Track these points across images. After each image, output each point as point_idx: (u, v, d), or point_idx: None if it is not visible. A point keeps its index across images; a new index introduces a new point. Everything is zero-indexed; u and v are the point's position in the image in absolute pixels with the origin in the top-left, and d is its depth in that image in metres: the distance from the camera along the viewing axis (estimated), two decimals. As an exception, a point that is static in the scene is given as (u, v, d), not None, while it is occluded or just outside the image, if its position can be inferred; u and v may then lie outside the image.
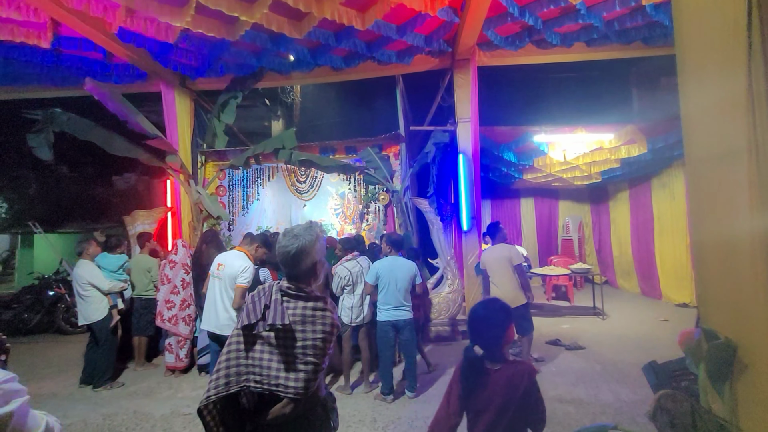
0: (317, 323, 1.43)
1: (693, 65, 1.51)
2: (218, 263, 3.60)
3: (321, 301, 1.48)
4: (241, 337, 1.45)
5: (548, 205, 10.51)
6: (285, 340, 1.42)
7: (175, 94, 6.48)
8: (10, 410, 1.07)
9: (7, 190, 10.81)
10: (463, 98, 6.09)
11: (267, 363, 1.41)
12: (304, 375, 1.38)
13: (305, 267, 1.49)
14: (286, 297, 1.46)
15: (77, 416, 3.80)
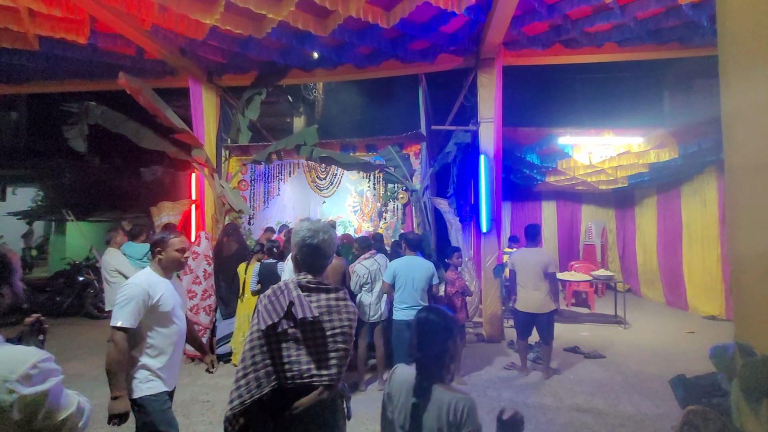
0: (342, 312, 1.51)
1: (737, 66, 1.43)
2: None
3: (342, 292, 1.57)
4: (263, 338, 1.46)
5: (571, 208, 10.26)
6: (313, 332, 1.46)
7: (202, 90, 6.64)
8: (46, 388, 1.10)
9: (44, 179, 11.33)
10: (487, 98, 6.01)
11: (296, 358, 1.44)
12: (336, 361, 1.46)
13: (327, 260, 1.57)
14: (306, 291, 1.50)
15: (103, 397, 3.93)
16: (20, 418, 1.05)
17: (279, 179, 7.44)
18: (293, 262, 1.61)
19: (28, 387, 1.05)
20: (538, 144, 6.48)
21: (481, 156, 6.00)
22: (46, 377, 1.11)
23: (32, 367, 1.07)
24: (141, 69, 6.34)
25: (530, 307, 4.27)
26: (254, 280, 4.64)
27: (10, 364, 1.05)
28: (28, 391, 1.05)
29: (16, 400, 1.03)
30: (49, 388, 1.10)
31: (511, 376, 4.52)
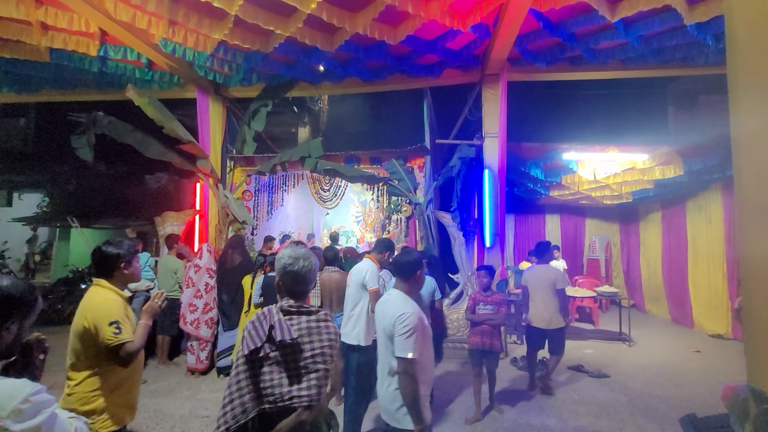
0: (322, 333, 1.53)
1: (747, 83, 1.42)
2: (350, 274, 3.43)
3: (323, 313, 1.59)
4: (247, 364, 1.49)
5: (575, 222, 10.22)
6: (293, 354, 1.49)
7: (209, 101, 6.71)
8: (39, 422, 1.07)
9: (50, 185, 11.42)
10: (491, 113, 6.03)
11: (278, 381, 1.47)
12: (315, 381, 1.47)
13: (308, 286, 1.62)
14: (288, 315, 1.55)
15: (102, 411, 3.92)
16: None
17: (283, 190, 7.47)
18: (276, 288, 1.63)
19: (19, 423, 1.03)
20: (542, 159, 6.49)
21: (486, 170, 6.00)
22: (38, 410, 1.08)
23: (23, 402, 1.04)
24: (149, 80, 6.41)
25: (542, 323, 4.34)
26: (257, 293, 4.62)
27: (1, 401, 1.02)
28: (20, 427, 1.02)
29: None
30: (42, 421, 1.07)
31: (513, 396, 4.46)
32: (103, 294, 1.96)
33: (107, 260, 2.00)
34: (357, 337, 3.17)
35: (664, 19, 4.59)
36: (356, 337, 3.17)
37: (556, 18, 4.80)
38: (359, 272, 3.26)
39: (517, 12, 4.31)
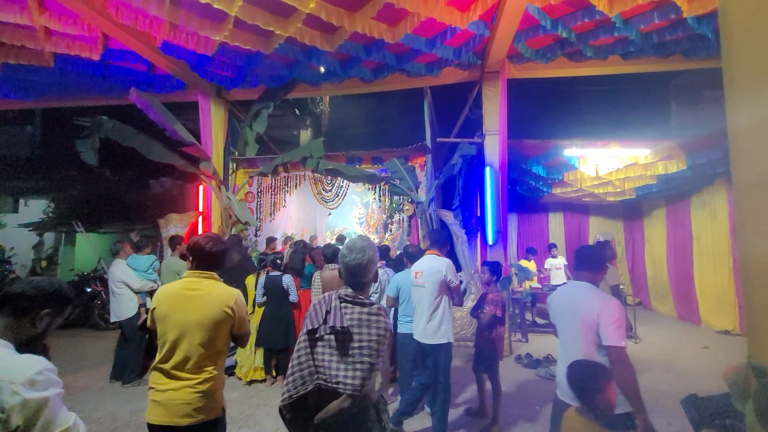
0: (372, 326, 1.59)
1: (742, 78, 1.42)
2: (415, 272, 3.29)
3: (376, 307, 1.65)
4: (307, 341, 1.63)
5: (578, 220, 10.17)
6: (343, 342, 1.58)
7: (211, 104, 6.76)
8: (48, 396, 1.12)
9: (55, 190, 11.53)
10: (492, 111, 6.03)
11: (329, 362, 1.58)
12: (360, 373, 1.53)
13: (369, 276, 1.70)
14: (345, 303, 1.64)
15: (106, 410, 3.94)
16: (20, 425, 1.06)
17: (285, 191, 7.51)
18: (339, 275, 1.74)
19: (32, 391, 1.09)
20: (543, 156, 6.47)
21: (487, 168, 6.00)
22: (49, 385, 1.14)
23: (38, 373, 1.12)
24: (151, 84, 6.48)
25: None
26: (260, 292, 4.64)
27: (19, 369, 1.11)
28: (32, 395, 1.08)
29: (19, 403, 1.06)
30: (50, 396, 1.13)
31: (518, 390, 4.43)
32: (227, 288, 2.05)
33: (218, 257, 2.06)
34: (445, 335, 3.08)
35: (663, 12, 4.58)
36: (444, 335, 3.08)
37: (554, 14, 4.81)
38: (436, 270, 3.10)
39: (515, 8, 4.32)
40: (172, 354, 1.90)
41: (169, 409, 1.87)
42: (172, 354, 1.90)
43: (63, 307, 1.35)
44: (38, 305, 1.27)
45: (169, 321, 1.92)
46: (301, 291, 4.81)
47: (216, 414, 1.96)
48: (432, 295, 3.11)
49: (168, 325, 1.92)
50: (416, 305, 3.24)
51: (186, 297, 1.95)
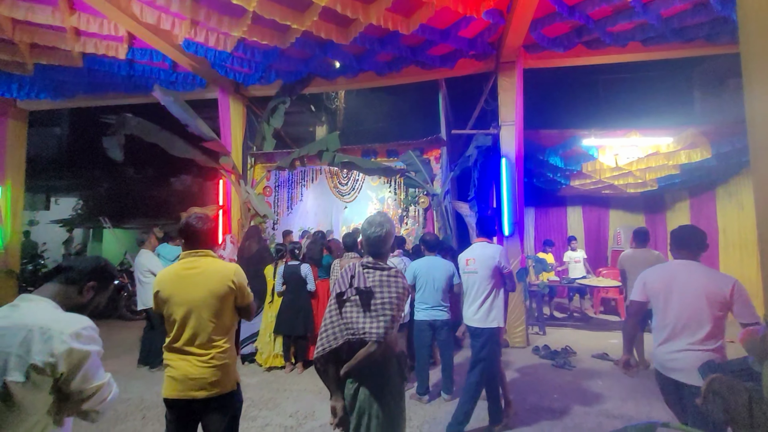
0: (392, 286, 1.85)
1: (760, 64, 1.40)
2: (466, 259, 3.32)
3: (394, 270, 1.91)
4: (335, 303, 1.89)
5: (597, 214, 9.98)
6: (367, 299, 1.83)
7: (230, 101, 6.93)
8: (90, 350, 1.24)
9: (83, 189, 12.03)
10: (508, 101, 5.99)
11: (356, 318, 1.83)
12: (383, 323, 1.79)
13: (387, 247, 1.95)
14: (367, 269, 1.90)
15: (135, 393, 4.13)
16: (64, 372, 1.18)
17: (302, 185, 7.62)
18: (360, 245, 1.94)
19: (77, 343, 1.21)
20: (561, 146, 6.39)
21: (503, 159, 5.96)
22: (91, 342, 1.26)
23: (84, 328, 1.25)
24: (174, 82, 6.69)
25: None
26: (279, 281, 4.75)
27: (67, 322, 1.24)
28: (77, 346, 1.20)
29: (66, 351, 1.17)
30: (92, 351, 1.25)
31: (536, 380, 4.41)
32: (226, 263, 2.17)
33: (209, 234, 2.15)
34: (496, 320, 3.14)
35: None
36: (495, 320, 3.14)
37: (572, 0, 4.74)
38: (490, 257, 3.15)
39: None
40: (181, 332, 1.98)
41: (184, 383, 1.95)
42: (182, 332, 1.98)
43: (107, 281, 1.47)
44: (85, 277, 1.40)
45: (173, 302, 1.98)
46: (319, 281, 4.90)
47: (230, 387, 2.03)
48: (485, 280, 3.17)
49: (173, 306, 1.98)
50: (467, 291, 3.30)
51: (186, 276, 2.01)
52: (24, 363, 1.13)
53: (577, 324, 7.13)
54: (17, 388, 1.12)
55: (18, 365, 1.13)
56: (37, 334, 1.17)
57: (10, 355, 1.13)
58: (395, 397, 1.86)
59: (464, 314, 3.31)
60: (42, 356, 1.15)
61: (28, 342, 1.15)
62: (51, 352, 1.16)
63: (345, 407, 1.84)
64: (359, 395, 1.81)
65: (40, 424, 1.19)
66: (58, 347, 1.17)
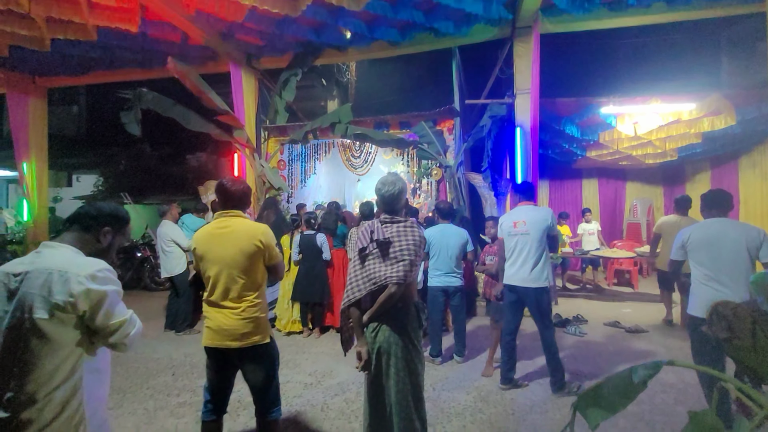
0: (408, 235, 2.00)
1: None
2: (514, 221, 3.39)
3: (410, 221, 2.07)
4: (358, 258, 2.06)
5: (614, 186, 9.80)
6: (387, 249, 1.99)
7: (242, 73, 6.92)
8: (106, 290, 1.33)
9: (103, 166, 12.33)
10: (523, 68, 5.83)
11: (377, 267, 1.99)
12: (402, 267, 1.95)
13: (401, 204, 2.08)
14: (385, 224, 2.05)
15: (164, 353, 4.39)
16: (86, 310, 1.30)
17: (315, 159, 7.67)
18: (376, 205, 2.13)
19: (93, 284, 1.30)
20: (578, 115, 6.23)
21: (517, 129, 5.86)
22: (107, 282, 1.35)
23: (99, 270, 1.33)
24: (186, 56, 6.69)
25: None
26: (295, 250, 4.89)
27: (83, 265, 1.33)
28: (93, 286, 1.30)
29: (83, 291, 1.28)
30: (109, 291, 1.34)
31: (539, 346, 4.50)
32: (255, 223, 2.26)
33: (241, 195, 2.24)
34: (547, 280, 3.31)
35: (716, -52, 4.21)
36: (546, 280, 3.30)
37: (593, -43, 4.52)
38: (542, 219, 3.28)
39: (550, -48, 4.10)
40: (215, 287, 2.12)
41: (220, 333, 2.12)
42: (216, 287, 2.12)
43: (121, 225, 1.54)
44: (99, 224, 1.47)
45: (207, 259, 2.12)
46: (334, 250, 5.02)
47: (263, 339, 2.16)
48: (537, 242, 3.28)
49: (207, 263, 2.12)
50: (515, 252, 3.35)
51: (218, 235, 2.13)
52: (47, 302, 1.26)
53: (590, 295, 7.17)
54: (44, 324, 1.26)
55: (42, 305, 1.26)
56: (56, 276, 1.27)
57: (35, 296, 1.26)
58: (413, 341, 2.00)
59: (508, 275, 3.39)
60: (62, 296, 1.26)
61: (49, 284, 1.26)
62: (70, 292, 1.26)
63: (369, 351, 1.99)
64: (379, 337, 1.98)
65: (74, 355, 1.31)
66: (76, 288, 1.27)
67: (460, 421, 2.93)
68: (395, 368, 1.95)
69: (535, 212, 3.37)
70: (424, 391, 2.06)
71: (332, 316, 5.02)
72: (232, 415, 2.94)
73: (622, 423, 2.85)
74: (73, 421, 1.30)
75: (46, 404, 1.26)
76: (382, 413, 2.00)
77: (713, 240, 2.55)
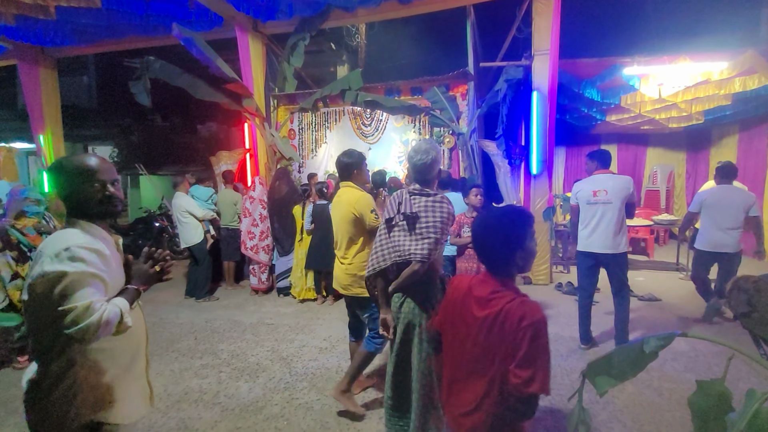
0: (437, 211, 1.95)
1: None
2: (594, 190, 3.43)
3: (440, 196, 2.00)
4: (385, 228, 2.06)
5: (634, 152, 9.46)
6: (414, 223, 1.96)
7: (248, 39, 6.72)
8: (65, 270, 1.16)
9: (116, 137, 12.45)
10: (543, 27, 5.51)
11: (402, 240, 1.98)
12: (427, 244, 1.92)
13: (435, 173, 2.03)
14: (413, 196, 2.01)
15: (185, 318, 4.59)
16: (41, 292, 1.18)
17: (325, 127, 7.55)
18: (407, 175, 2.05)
19: (54, 263, 1.17)
20: (599, 77, 5.92)
21: (534, 93, 5.63)
22: (73, 260, 1.18)
23: (65, 249, 1.18)
24: (191, 21, 6.51)
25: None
26: (308, 220, 4.94)
27: (55, 243, 1.21)
28: (51, 267, 1.17)
29: (42, 273, 1.18)
30: (69, 271, 1.17)
31: (557, 312, 4.55)
32: (356, 192, 2.56)
33: (347, 167, 2.57)
34: (625, 246, 3.45)
35: None
36: (625, 246, 3.44)
37: None
38: (623, 187, 3.36)
39: None
40: (336, 245, 2.66)
41: (335, 280, 2.68)
42: (336, 244, 2.65)
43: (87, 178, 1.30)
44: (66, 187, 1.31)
45: (333, 221, 2.66)
46: (346, 219, 5.06)
47: (361, 293, 2.48)
48: (619, 210, 3.37)
49: (334, 225, 2.66)
50: (594, 220, 3.45)
51: (335, 203, 2.66)
52: (28, 284, 1.21)
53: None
54: (25, 306, 1.23)
55: (26, 286, 1.22)
56: (36, 256, 1.23)
57: (27, 277, 1.23)
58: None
59: (587, 242, 3.51)
60: (34, 276, 1.19)
61: (33, 264, 1.23)
62: (41, 271, 1.18)
63: (394, 319, 2.05)
64: (404, 308, 2.00)
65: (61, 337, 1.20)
66: (45, 266, 1.18)
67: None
68: (419, 338, 1.97)
69: (616, 181, 3.43)
70: None
71: (345, 284, 5.14)
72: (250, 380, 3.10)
73: (630, 389, 2.90)
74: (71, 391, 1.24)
75: (44, 377, 1.24)
76: (406, 384, 2.01)
77: (723, 201, 3.92)
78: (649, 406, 2.75)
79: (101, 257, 1.26)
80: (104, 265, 1.27)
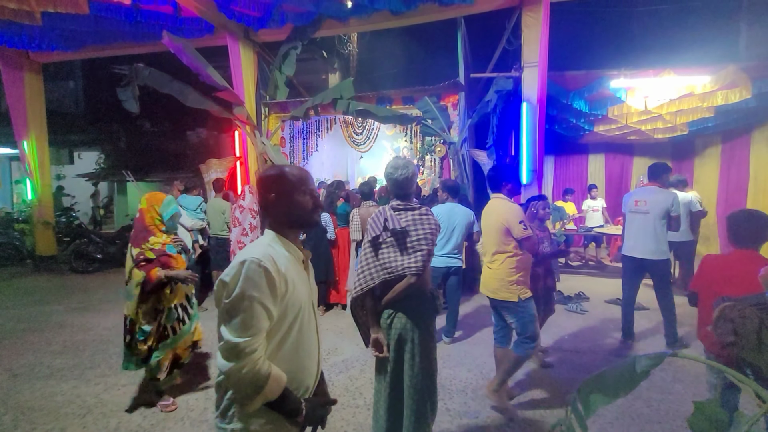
0: (424, 223, 1.98)
1: None
2: (636, 200, 3.83)
3: (424, 209, 2.04)
4: (370, 247, 2.02)
5: (621, 162, 9.63)
6: (403, 238, 1.97)
7: (240, 47, 6.71)
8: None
9: (104, 143, 12.24)
10: (532, 40, 5.60)
11: (393, 257, 1.97)
12: (420, 257, 1.94)
13: (413, 188, 2.06)
14: (398, 211, 2.02)
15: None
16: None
17: (317, 136, 7.55)
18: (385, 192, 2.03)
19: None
20: (587, 88, 6.04)
21: (524, 103, 5.71)
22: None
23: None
24: (181, 28, 6.47)
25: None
26: (298, 229, 4.89)
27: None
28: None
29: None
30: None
31: (548, 322, 4.56)
32: (506, 203, 2.71)
33: (498, 180, 2.75)
34: (666, 253, 3.74)
35: None
36: (665, 253, 3.74)
37: None
38: (663, 200, 3.65)
39: None
40: (485, 250, 2.86)
41: (484, 284, 2.84)
42: (485, 250, 2.86)
43: None
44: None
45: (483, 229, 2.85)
46: (338, 229, 5.02)
47: (508, 297, 2.66)
48: (656, 220, 3.68)
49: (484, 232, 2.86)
50: (634, 227, 3.81)
51: (486, 212, 2.82)
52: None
53: (592, 272, 7.20)
54: None
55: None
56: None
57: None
58: (429, 327, 2.03)
59: (629, 248, 3.85)
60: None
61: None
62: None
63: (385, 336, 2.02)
64: (396, 324, 1.98)
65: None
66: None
67: (461, 397, 3.01)
68: (411, 354, 1.96)
69: (657, 194, 3.72)
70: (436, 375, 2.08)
71: (337, 294, 5.09)
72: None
73: (620, 400, 2.90)
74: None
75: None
76: (401, 406, 2.00)
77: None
78: (638, 417, 2.76)
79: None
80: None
